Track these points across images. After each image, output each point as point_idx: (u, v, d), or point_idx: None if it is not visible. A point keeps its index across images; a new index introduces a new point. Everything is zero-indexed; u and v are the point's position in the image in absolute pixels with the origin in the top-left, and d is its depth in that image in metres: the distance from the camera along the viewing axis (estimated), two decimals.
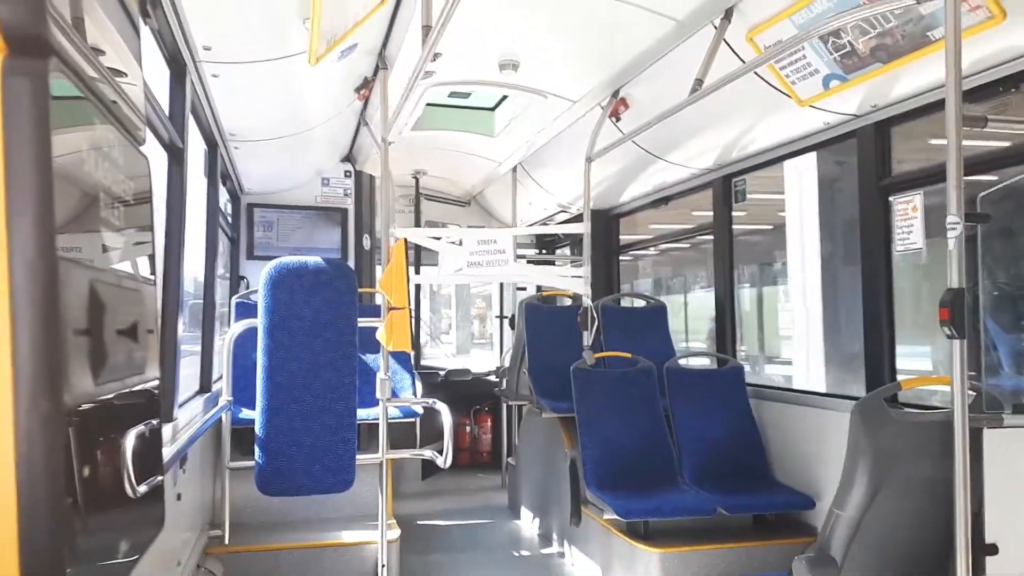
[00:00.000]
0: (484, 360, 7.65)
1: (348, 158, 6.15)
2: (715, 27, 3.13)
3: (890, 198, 3.31)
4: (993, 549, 2.14)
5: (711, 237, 4.90)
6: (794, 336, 8.12)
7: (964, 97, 2.05)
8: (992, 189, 2.49)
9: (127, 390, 1.31)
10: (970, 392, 2.11)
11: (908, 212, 2.98)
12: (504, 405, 6.66)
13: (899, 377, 3.41)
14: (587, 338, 4.55)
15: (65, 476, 1.02)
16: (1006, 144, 2.85)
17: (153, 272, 1.57)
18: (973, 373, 2.40)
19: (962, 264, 2.00)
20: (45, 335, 0.98)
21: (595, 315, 4.57)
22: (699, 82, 3.23)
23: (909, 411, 2.94)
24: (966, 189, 2.02)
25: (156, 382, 1.52)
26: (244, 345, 3.89)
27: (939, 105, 2.04)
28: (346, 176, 6.24)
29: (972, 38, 2.39)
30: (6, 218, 0.97)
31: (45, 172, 1.01)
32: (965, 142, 2.01)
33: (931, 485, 2.33)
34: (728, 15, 3.05)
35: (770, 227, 8.80)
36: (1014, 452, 2.25)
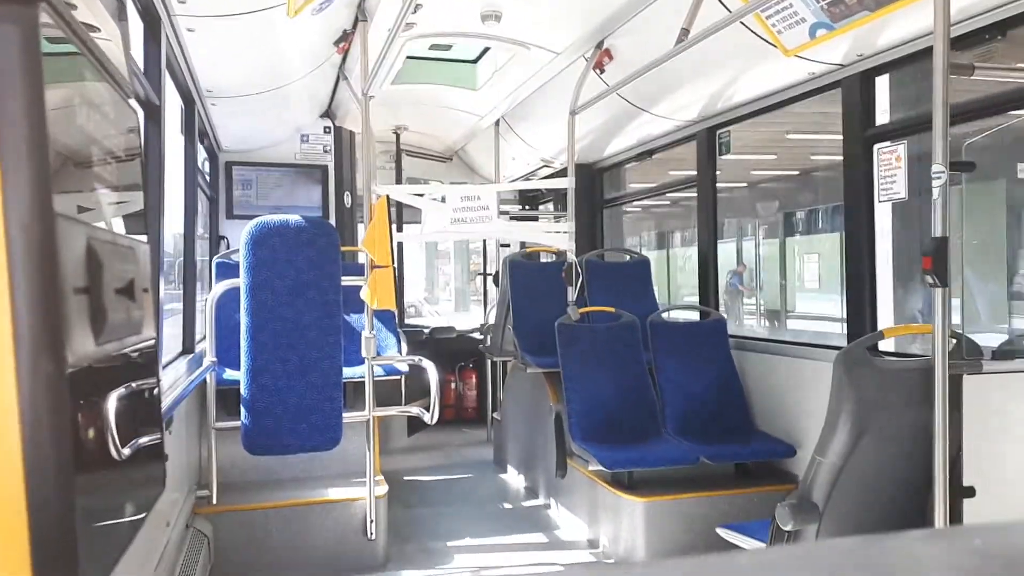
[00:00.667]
0: (473, 317, 7.67)
1: (328, 114, 6.04)
2: None
3: (875, 147, 3.31)
4: (970, 492, 2.20)
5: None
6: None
7: (951, 45, 2.04)
8: (978, 136, 2.49)
9: (127, 349, 1.29)
10: (951, 340, 2.14)
11: (892, 162, 2.98)
12: (489, 362, 6.70)
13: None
14: (571, 293, 4.57)
15: (70, 436, 1.01)
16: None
17: (146, 230, 1.54)
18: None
19: (947, 213, 2.01)
20: (44, 294, 0.96)
21: (579, 270, 4.58)
22: (685, 32, 3.19)
23: (891, 359, 2.99)
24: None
25: (153, 341, 1.50)
26: (226, 306, 3.86)
27: (925, 53, 2.03)
28: (326, 132, 6.14)
29: None
30: (1, 174, 0.94)
31: (39, 128, 0.97)
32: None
33: (911, 431, 2.38)
34: None
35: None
36: (992, 398, 2.30)
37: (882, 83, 3.42)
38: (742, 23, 3.10)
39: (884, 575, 0.26)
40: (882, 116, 3.48)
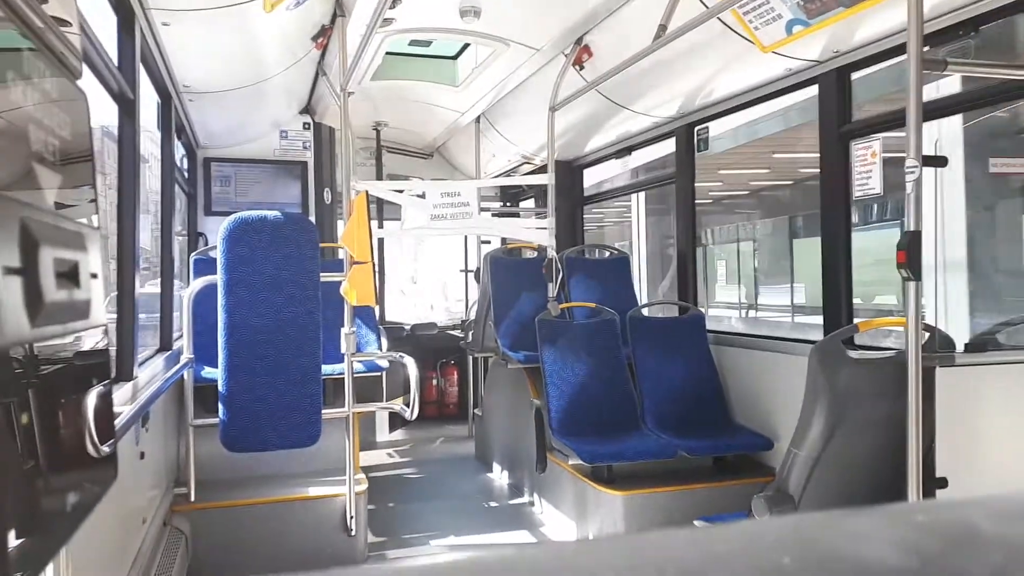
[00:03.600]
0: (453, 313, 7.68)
1: (307, 110, 6.00)
2: None
3: (851, 143, 3.35)
4: (943, 482, 2.23)
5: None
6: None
7: (924, 41, 2.06)
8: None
9: (70, 335, 1.27)
10: (924, 332, 2.17)
11: (867, 158, 3.02)
12: (470, 358, 6.69)
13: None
14: (552, 289, 4.58)
15: (2, 428, 0.99)
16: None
17: (97, 217, 1.51)
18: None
19: (920, 207, 2.04)
20: None
21: (559, 266, 4.59)
22: (663, 28, 3.20)
23: (865, 352, 3.03)
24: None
25: (103, 330, 1.47)
26: (204, 303, 3.82)
27: (900, 50, 2.05)
28: (305, 128, 6.10)
29: None
30: None
31: None
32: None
33: (885, 423, 2.41)
34: None
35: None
36: (964, 389, 2.34)
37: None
38: (719, 19, 3.12)
39: (823, 549, 0.27)
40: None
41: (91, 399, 1.35)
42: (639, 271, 12.57)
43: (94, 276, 1.34)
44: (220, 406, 3.50)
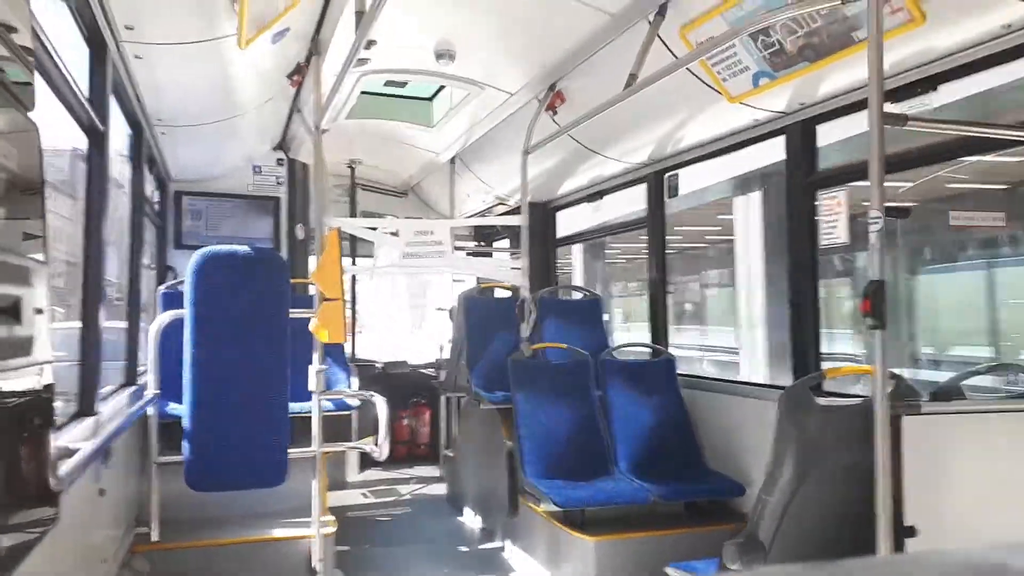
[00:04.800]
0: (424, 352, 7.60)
1: (281, 146, 6.00)
2: (649, 22, 3.17)
3: (818, 193, 3.42)
4: (912, 531, 2.24)
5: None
6: None
7: (886, 96, 2.12)
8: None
9: (9, 371, 1.23)
10: (890, 380, 2.19)
11: (833, 208, 3.08)
12: (443, 397, 6.63)
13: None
14: (524, 330, 4.57)
15: None
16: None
17: (44, 251, 1.47)
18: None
19: (883, 257, 2.08)
20: None
21: (532, 307, 4.59)
22: (633, 77, 3.27)
23: (833, 399, 3.05)
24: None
25: (47, 365, 1.42)
26: (171, 336, 3.75)
27: (863, 104, 2.10)
28: (278, 164, 6.09)
29: (894, 39, 2.48)
30: None
31: None
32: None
33: (854, 471, 2.42)
34: (662, 11, 3.08)
35: None
36: (931, 438, 2.36)
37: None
38: (688, 69, 3.19)
39: None
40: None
41: (30, 439, 1.31)
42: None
43: (39, 312, 1.31)
44: (185, 443, 3.41)
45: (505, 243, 7.64)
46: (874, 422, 2.04)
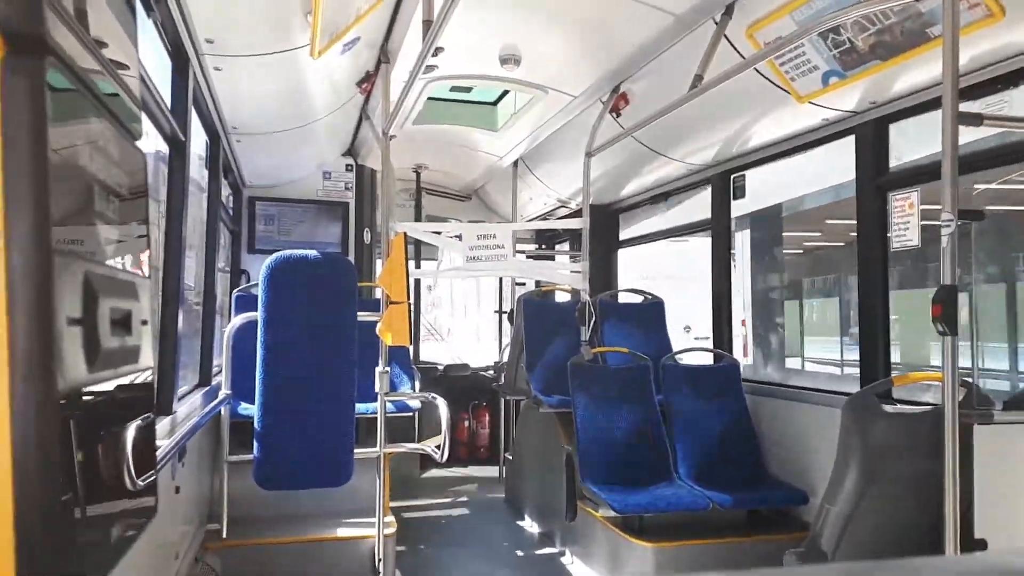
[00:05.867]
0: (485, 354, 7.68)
1: (350, 152, 6.15)
2: (715, 22, 3.14)
3: (888, 194, 3.32)
4: (982, 544, 2.15)
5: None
6: None
7: (962, 94, 2.06)
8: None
9: (122, 381, 1.33)
10: (961, 388, 2.12)
11: (905, 209, 2.99)
12: (502, 400, 6.67)
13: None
14: (584, 333, 4.57)
15: (60, 465, 1.05)
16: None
17: (150, 266, 1.60)
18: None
19: (955, 261, 2.01)
20: (40, 326, 1.01)
21: (593, 310, 4.59)
22: (699, 78, 3.24)
23: (901, 406, 2.96)
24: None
25: (150, 373, 1.54)
26: (244, 339, 3.90)
27: (937, 103, 2.05)
28: (347, 170, 6.25)
29: (970, 35, 2.40)
30: (4, 212, 1.00)
31: (41, 169, 1.04)
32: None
33: (921, 480, 2.34)
34: (729, 11, 3.05)
35: None
36: (1004, 448, 2.27)
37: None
38: (756, 69, 3.15)
39: None
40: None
41: (131, 433, 1.41)
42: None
43: (144, 323, 1.41)
44: (255, 442, 3.54)
45: (566, 246, 7.65)
46: (943, 431, 1.98)
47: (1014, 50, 2.63)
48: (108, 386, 1.27)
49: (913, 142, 3.45)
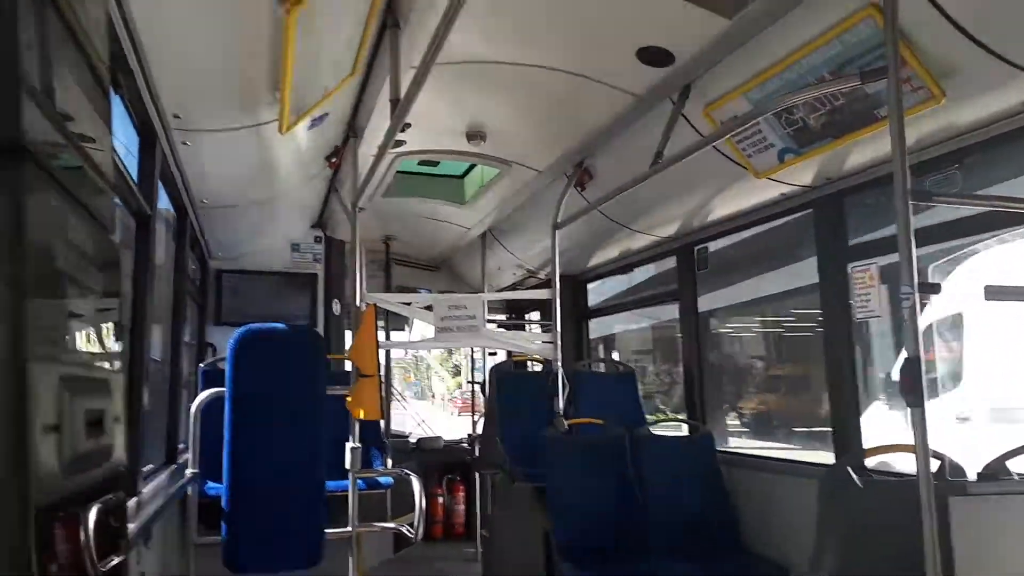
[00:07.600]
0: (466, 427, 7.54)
1: (318, 224, 6.17)
2: (673, 102, 3.25)
3: (848, 267, 3.40)
4: None
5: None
6: None
7: (913, 171, 2.14)
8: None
9: (95, 479, 1.31)
10: (934, 460, 2.13)
11: (866, 281, 3.06)
12: (478, 474, 6.55)
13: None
14: (558, 404, 4.53)
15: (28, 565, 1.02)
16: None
17: (121, 360, 1.57)
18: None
19: (918, 333, 2.05)
20: (14, 433, 1.00)
21: (565, 380, 4.57)
22: (659, 155, 3.33)
23: (877, 479, 2.96)
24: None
25: (123, 467, 1.50)
26: (211, 414, 3.80)
27: (891, 177, 2.12)
28: (316, 241, 6.25)
29: (916, 116, 2.51)
30: None
31: (19, 275, 1.03)
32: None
33: (901, 552, 2.32)
34: (685, 92, 3.16)
35: None
36: (981, 518, 2.27)
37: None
38: (714, 147, 3.24)
39: None
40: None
41: (93, 516, 1.38)
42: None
43: (117, 420, 1.39)
44: (223, 523, 3.41)
45: (536, 315, 7.67)
46: (919, 502, 1.98)
47: (955, 131, 2.75)
48: (84, 491, 1.26)
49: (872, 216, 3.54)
